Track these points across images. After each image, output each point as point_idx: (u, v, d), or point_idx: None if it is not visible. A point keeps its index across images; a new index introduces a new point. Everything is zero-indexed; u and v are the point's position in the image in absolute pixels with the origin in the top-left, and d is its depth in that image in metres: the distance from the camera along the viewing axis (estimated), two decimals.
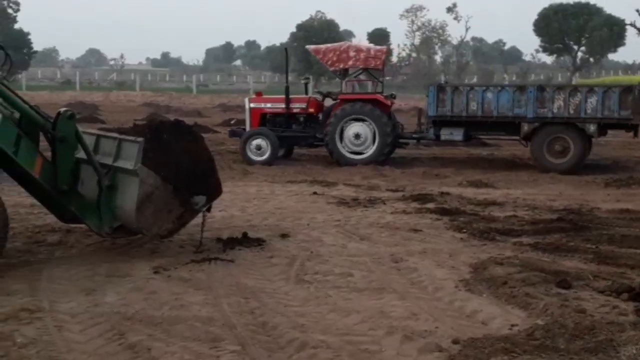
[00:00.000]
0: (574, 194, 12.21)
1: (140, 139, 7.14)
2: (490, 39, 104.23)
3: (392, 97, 17.30)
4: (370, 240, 8.26)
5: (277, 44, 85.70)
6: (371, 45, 19.19)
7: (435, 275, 6.73)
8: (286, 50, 12.76)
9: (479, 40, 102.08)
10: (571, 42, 70.36)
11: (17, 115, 6.89)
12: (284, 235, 8.36)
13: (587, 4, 68.82)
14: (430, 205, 10.62)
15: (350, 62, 16.64)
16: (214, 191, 7.73)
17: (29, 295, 5.94)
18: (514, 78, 70.31)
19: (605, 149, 19.66)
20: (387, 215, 9.93)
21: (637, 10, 54.38)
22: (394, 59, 73.96)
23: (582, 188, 13.01)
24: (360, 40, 76.28)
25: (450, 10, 75.94)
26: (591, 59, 72.07)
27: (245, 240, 7.92)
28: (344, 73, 16.93)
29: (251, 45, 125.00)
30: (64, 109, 7.27)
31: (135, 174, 7.03)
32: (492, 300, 5.94)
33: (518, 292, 6.04)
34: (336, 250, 7.69)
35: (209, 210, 7.72)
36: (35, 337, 5.04)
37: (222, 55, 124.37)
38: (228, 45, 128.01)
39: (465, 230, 8.79)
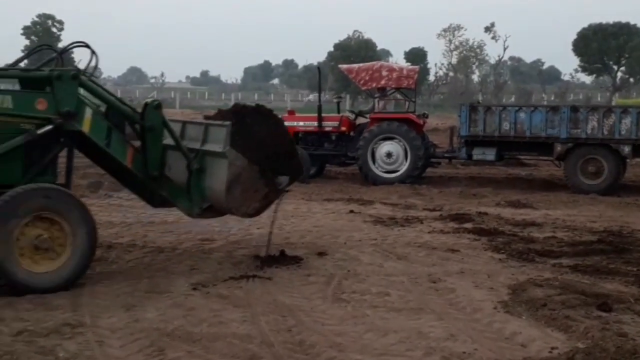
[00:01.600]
0: (614, 215, 12.01)
1: (227, 123, 7.51)
2: (528, 59, 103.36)
3: (425, 116, 17.27)
4: (408, 260, 8.23)
5: (315, 63, 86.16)
6: (404, 64, 19.24)
7: (473, 296, 6.67)
8: (319, 68, 12.87)
9: (517, 60, 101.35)
10: (610, 62, 69.50)
11: (102, 108, 7.24)
12: (321, 254, 8.36)
13: (627, 24, 68.02)
14: (468, 225, 10.53)
15: (383, 82, 16.67)
16: (295, 171, 8.20)
17: (71, 310, 6.03)
18: (552, 98, 69.60)
19: None
20: (424, 234, 9.88)
21: None
22: (431, 78, 73.81)
23: (622, 209, 12.79)
24: (398, 59, 76.25)
25: (488, 29, 75.52)
26: (631, 79, 71.10)
27: (282, 258, 7.94)
28: (378, 92, 16.94)
29: (289, 64, 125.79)
30: (151, 99, 7.71)
31: (224, 156, 7.39)
32: (532, 323, 5.87)
33: (558, 314, 5.96)
34: (373, 270, 7.67)
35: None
36: (76, 351, 5.11)
37: (260, 74, 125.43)
38: (266, 64, 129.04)
39: (503, 251, 8.70)
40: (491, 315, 6.09)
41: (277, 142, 8.00)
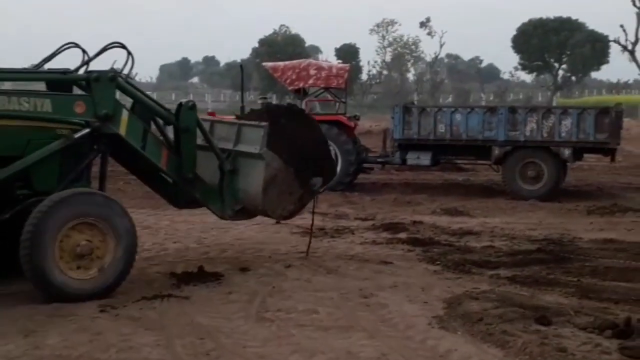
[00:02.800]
0: (554, 222, 12.38)
1: (264, 124, 7.97)
2: (466, 56, 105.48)
3: (356, 118, 17.46)
4: (338, 274, 8.29)
5: (238, 60, 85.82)
6: (334, 62, 19.41)
7: (406, 311, 6.76)
8: (242, 66, 12.89)
9: (454, 57, 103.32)
10: (552, 60, 71.49)
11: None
12: (243, 269, 8.35)
13: (569, 19, 70.02)
14: (402, 235, 10.69)
15: (311, 81, 16.77)
16: (329, 173, 8.78)
17: None
18: (491, 98, 71.22)
19: (588, 174, 20.01)
20: (355, 246, 9.97)
21: (621, 26, 55.40)
22: (364, 76, 74.58)
23: (563, 216, 13.20)
24: (328, 56, 76.74)
25: (423, 25, 76.84)
26: (573, 78, 73.27)
27: (201, 275, 7.89)
28: (304, 93, 17.02)
29: (210, 61, 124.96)
30: (186, 100, 8.15)
31: (261, 157, 7.88)
32: (467, 339, 5.99)
33: (495, 329, 6.10)
34: (300, 285, 7.70)
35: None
36: None
37: (177, 72, 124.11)
38: (184, 62, 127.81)
39: (439, 262, 8.86)
40: (425, 331, 6.19)
41: (312, 143, 8.46)
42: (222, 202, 8.19)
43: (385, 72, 78.62)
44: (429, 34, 76.58)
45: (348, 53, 70.98)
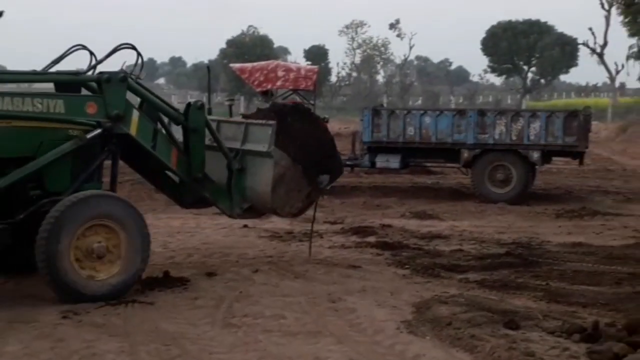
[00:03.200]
0: (523, 226, 12.51)
1: (272, 122, 8.17)
2: (435, 59, 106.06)
3: (325, 120, 17.45)
4: (306, 278, 8.29)
5: (205, 61, 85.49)
6: (302, 64, 19.47)
7: (375, 316, 6.78)
8: (209, 68, 12.82)
9: (423, 60, 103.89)
10: (521, 63, 72.15)
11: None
12: (210, 274, 8.32)
13: (538, 22, 70.64)
14: (371, 239, 10.72)
15: (279, 83, 16.74)
16: (336, 170, 9.02)
17: None
18: (460, 100, 71.75)
19: (556, 177, 20.21)
20: (324, 250, 9.99)
21: (590, 29, 56.21)
22: (333, 78, 74.67)
23: (532, 219, 13.34)
24: (296, 58, 76.75)
25: (393, 26, 77.12)
26: (542, 80, 74.04)
27: (166, 280, 7.85)
28: (272, 94, 17.00)
29: (176, 62, 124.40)
30: (194, 100, 8.37)
31: (269, 155, 8.11)
32: (436, 343, 6.02)
33: (463, 333, 6.13)
34: (268, 290, 7.69)
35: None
36: None
37: (143, 72, 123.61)
38: (150, 62, 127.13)
39: (408, 266, 8.91)
40: (394, 336, 6.21)
41: (318, 141, 8.70)
42: (230, 201, 8.45)
43: (354, 74, 78.78)
44: (399, 35, 76.94)
45: (317, 54, 71.04)
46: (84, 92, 7.77)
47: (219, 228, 11.60)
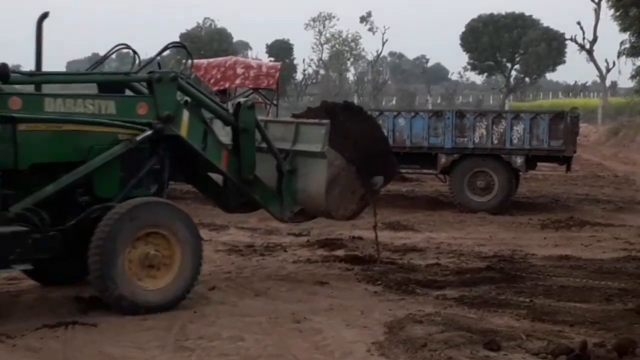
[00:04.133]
0: (505, 237, 12.62)
1: (325, 122, 8.57)
2: (411, 55, 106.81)
3: None
4: (267, 296, 8.29)
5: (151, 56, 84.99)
6: (264, 60, 19.46)
7: (343, 337, 6.79)
8: (159, 64, 12.70)
9: (398, 56, 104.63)
10: (504, 60, 72.82)
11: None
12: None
13: (522, 15, 71.41)
14: (340, 253, 10.75)
15: (238, 81, 16.75)
16: (390, 171, 9.44)
17: None
18: (438, 100, 72.26)
19: (542, 185, 20.43)
20: (288, 265, 9.99)
21: (579, 23, 56.88)
22: (299, 76, 74.84)
23: (515, 231, 13.46)
24: (258, 54, 76.74)
25: (364, 20, 77.59)
26: (527, 79, 74.78)
27: None
28: (230, 94, 16.99)
29: (125, 57, 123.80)
30: (244, 99, 8.84)
31: (323, 156, 8.48)
32: None
33: (440, 355, 6.17)
34: (225, 309, 7.67)
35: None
36: None
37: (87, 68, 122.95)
38: (95, 58, 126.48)
39: (380, 282, 8.94)
40: (364, 359, 6.23)
41: (371, 141, 9.05)
42: (281, 204, 8.85)
43: (322, 71, 79.05)
44: (371, 29, 77.35)
45: (281, 50, 71.19)
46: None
47: None
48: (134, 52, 8.47)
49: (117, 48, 8.52)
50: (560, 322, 7.30)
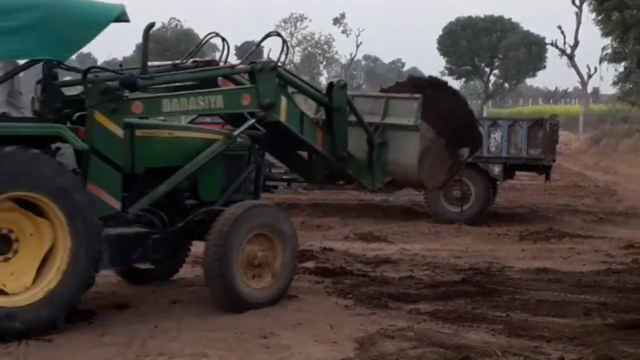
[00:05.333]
0: (482, 249, 12.69)
1: (418, 96, 9.34)
2: (386, 58, 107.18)
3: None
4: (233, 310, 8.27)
5: (120, 58, 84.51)
6: (232, 63, 19.46)
7: (312, 353, 6.80)
8: (121, 66, 12.66)
9: (372, 60, 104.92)
10: (482, 64, 73.31)
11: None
12: (120, 306, 8.27)
13: (501, 19, 71.93)
14: (309, 265, 10.75)
15: None
16: (475, 143, 10.17)
17: None
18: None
19: (520, 195, 20.57)
20: None
21: (559, 27, 57.50)
22: None
23: (492, 242, 13.54)
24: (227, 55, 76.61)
25: (337, 21, 77.87)
26: (506, 84, 75.30)
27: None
28: None
29: (85, 59, 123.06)
30: (337, 79, 9.45)
31: (416, 129, 9.24)
32: None
33: None
34: (189, 324, 7.65)
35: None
36: None
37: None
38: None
39: (351, 296, 8.94)
40: None
41: (457, 113, 9.75)
42: (372, 176, 9.56)
43: None
44: (344, 32, 77.62)
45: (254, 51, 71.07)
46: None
47: None
48: (224, 40, 9.30)
49: (209, 37, 9.54)
50: (538, 337, 7.35)
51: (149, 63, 8.39)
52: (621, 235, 14.22)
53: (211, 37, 9.47)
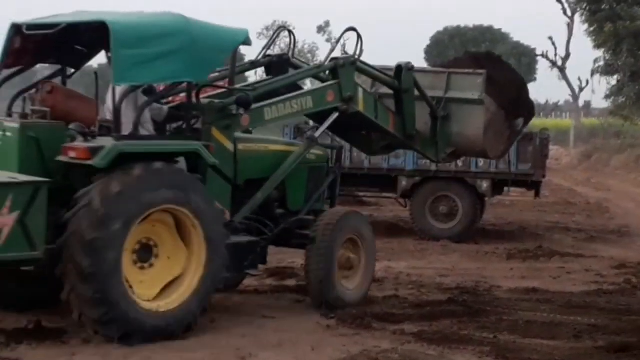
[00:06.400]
0: (469, 268, 12.72)
1: (482, 71, 10.46)
2: None
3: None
4: (210, 330, 8.27)
5: (95, 65, 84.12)
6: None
7: None
8: (96, 74, 12.63)
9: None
10: None
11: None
12: None
13: (490, 28, 72.13)
14: (290, 283, 10.77)
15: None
16: (529, 113, 11.28)
17: None
18: None
19: (509, 211, 20.58)
20: (233, 295, 9.95)
21: (550, 38, 57.63)
22: None
23: (479, 260, 13.56)
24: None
25: (321, 29, 77.86)
26: None
27: (38, 332, 7.74)
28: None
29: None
30: (406, 61, 10.17)
31: (481, 102, 10.34)
32: None
33: None
34: (163, 344, 7.62)
35: None
36: None
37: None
38: None
39: (333, 316, 8.94)
40: None
41: (513, 87, 10.82)
42: (435, 148, 10.61)
43: None
44: (329, 40, 77.56)
45: (229, 60, 70.97)
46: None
47: None
48: (290, 32, 10.49)
49: (278, 31, 10.90)
50: None
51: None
52: (613, 255, 14.28)
53: (281, 32, 10.68)
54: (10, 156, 7.87)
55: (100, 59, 9.14)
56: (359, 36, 9.85)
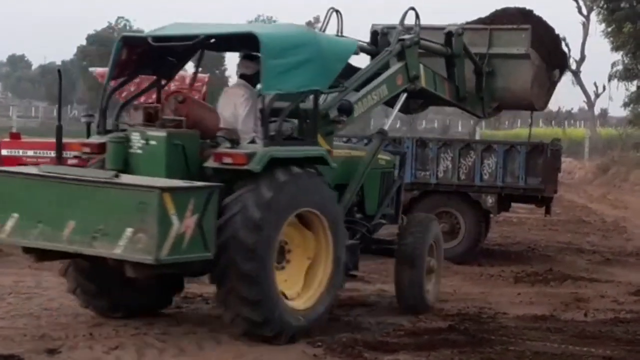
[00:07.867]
0: (472, 292, 12.71)
1: (527, 26, 12.24)
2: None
3: None
4: (185, 357, 8.32)
5: (58, 62, 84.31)
6: (188, 72, 19.32)
7: None
8: (60, 72, 12.60)
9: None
10: None
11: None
12: (52, 351, 8.27)
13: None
14: None
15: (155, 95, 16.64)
16: (563, 63, 13.12)
17: None
18: (398, 125, 72.62)
19: (517, 230, 20.60)
20: (212, 320, 9.92)
21: (564, 39, 57.74)
22: None
23: (483, 284, 13.55)
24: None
25: (310, 25, 77.87)
26: None
27: None
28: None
29: (17, 62, 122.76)
30: (455, 27, 11.90)
31: (527, 57, 12.16)
32: None
33: None
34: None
35: None
36: None
37: None
38: (12, 58, 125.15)
39: (320, 344, 8.95)
40: None
41: (549, 39, 12.57)
42: (481, 103, 12.32)
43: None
44: None
45: (210, 58, 70.96)
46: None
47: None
48: (337, 11, 11.31)
49: (329, 13, 11.36)
50: None
51: None
52: (631, 280, 14.27)
53: (331, 14, 11.26)
54: (157, 163, 8.94)
55: (64, 55, 9.19)
56: (417, 16, 11.01)
